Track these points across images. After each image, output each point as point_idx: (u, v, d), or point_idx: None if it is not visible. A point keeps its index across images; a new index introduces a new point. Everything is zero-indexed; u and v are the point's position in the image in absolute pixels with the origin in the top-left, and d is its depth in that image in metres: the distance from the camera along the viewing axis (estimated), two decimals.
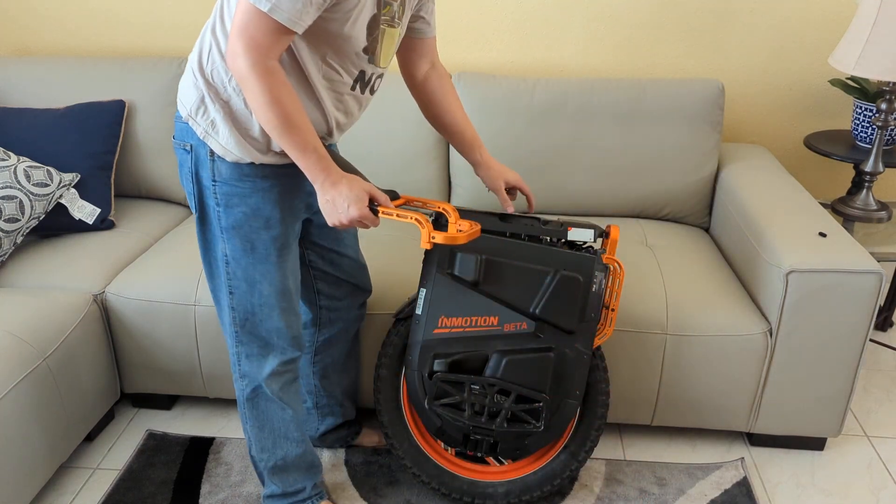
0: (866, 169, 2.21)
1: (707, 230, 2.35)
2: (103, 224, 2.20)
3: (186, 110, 1.40)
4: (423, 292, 1.62)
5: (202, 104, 1.37)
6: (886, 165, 2.23)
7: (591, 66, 2.50)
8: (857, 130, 2.32)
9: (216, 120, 1.37)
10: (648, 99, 2.24)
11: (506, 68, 2.52)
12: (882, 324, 2.47)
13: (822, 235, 1.85)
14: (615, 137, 2.25)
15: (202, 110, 1.38)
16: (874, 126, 2.23)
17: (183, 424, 2.08)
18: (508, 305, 1.61)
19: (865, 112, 2.28)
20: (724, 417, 1.92)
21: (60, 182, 2.12)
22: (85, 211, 2.16)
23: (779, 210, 1.98)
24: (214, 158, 1.40)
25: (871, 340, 2.44)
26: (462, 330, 1.62)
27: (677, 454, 1.98)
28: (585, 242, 1.65)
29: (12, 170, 2.05)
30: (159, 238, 2.25)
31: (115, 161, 2.29)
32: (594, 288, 1.61)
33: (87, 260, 2.04)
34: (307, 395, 1.87)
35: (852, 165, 2.45)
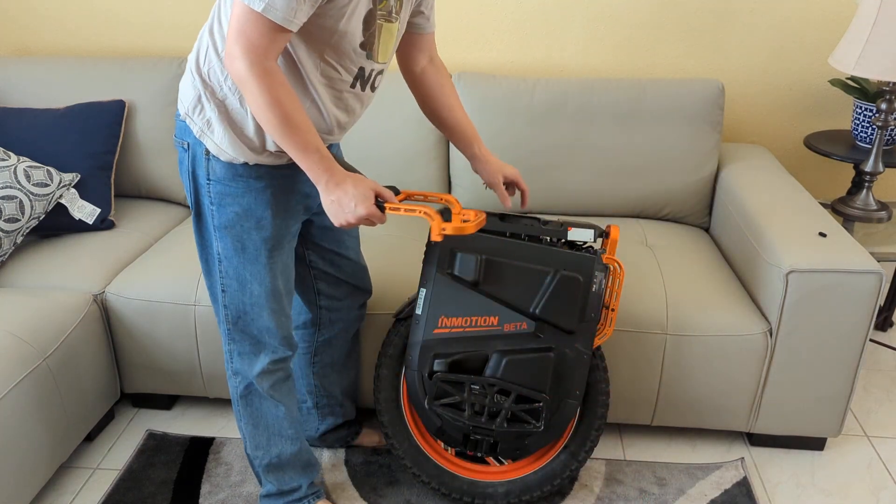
0: (866, 169, 2.21)
1: (707, 230, 2.35)
2: (103, 224, 2.20)
3: (184, 108, 1.41)
4: (423, 292, 1.62)
5: (199, 103, 1.38)
6: (886, 165, 2.23)
7: (591, 66, 2.50)
8: (857, 130, 2.32)
9: (211, 119, 1.37)
10: (648, 99, 2.24)
11: (506, 68, 2.52)
12: (882, 324, 2.47)
13: (822, 235, 1.85)
14: (615, 137, 2.25)
15: (199, 109, 1.38)
16: (874, 126, 2.23)
17: (183, 424, 2.08)
18: (508, 305, 1.61)
19: (865, 112, 2.28)
20: (724, 417, 1.92)
21: (60, 182, 2.12)
22: (85, 211, 2.16)
23: (779, 210, 1.98)
24: (209, 157, 1.40)
25: (871, 340, 2.44)
26: (462, 330, 1.61)
27: (677, 454, 1.97)
28: (585, 242, 1.65)
29: (12, 170, 2.05)
30: (159, 238, 2.25)
31: (115, 161, 2.29)
32: (594, 288, 1.61)
33: (87, 260, 2.05)
34: (307, 395, 1.87)
35: (852, 165, 2.45)
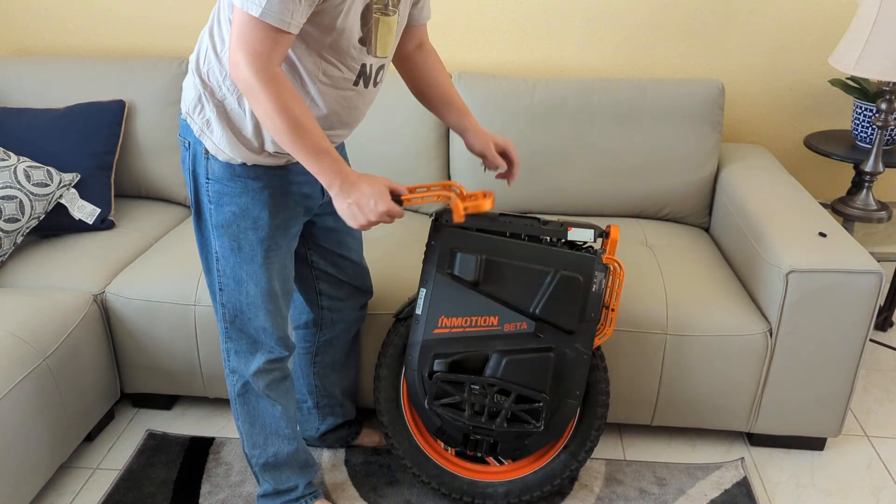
0: (866, 169, 2.21)
1: (707, 230, 2.35)
2: (103, 224, 2.20)
3: (186, 108, 1.41)
4: (423, 292, 1.62)
5: (199, 103, 1.38)
6: (886, 165, 2.23)
7: (591, 66, 2.50)
8: (857, 130, 2.32)
9: (210, 119, 1.38)
10: (648, 99, 2.24)
11: (506, 68, 2.52)
12: (882, 324, 2.47)
13: (822, 235, 1.85)
14: (615, 137, 2.25)
15: (199, 108, 1.39)
16: (874, 126, 2.23)
17: (183, 424, 2.08)
18: (508, 305, 1.61)
19: (865, 112, 2.28)
20: (724, 417, 1.92)
21: (60, 182, 2.12)
22: (85, 211, 2.16)
23: (779, 210, 1.98)
24: (208, 157, 1.40)
25: (871, 340, 2.44)
26: (462, 330, 1.61)
27: (677, 454, 1.97)
28: (585, 242, 1.65)
29: (12, 170, 2.05)
30: (159, 238, 2.25)
31: (115, 161, 2.29)
32: (594, 288, 1.61)
33: (87, 260, 2.05)
34: (308, 395, 1.87)
35: (852, 165, 2.45)
